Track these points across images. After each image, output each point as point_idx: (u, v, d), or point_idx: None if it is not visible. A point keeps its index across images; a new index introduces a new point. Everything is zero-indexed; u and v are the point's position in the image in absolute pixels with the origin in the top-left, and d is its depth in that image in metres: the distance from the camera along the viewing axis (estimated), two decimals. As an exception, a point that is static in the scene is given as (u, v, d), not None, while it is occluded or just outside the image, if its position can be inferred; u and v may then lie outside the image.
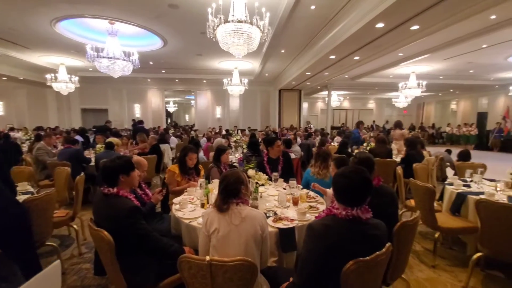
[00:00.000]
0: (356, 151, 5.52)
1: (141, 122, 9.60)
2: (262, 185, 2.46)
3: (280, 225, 1.91)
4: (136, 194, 2.29)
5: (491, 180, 3.37)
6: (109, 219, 1.74)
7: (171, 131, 12.31)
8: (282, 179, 3.07)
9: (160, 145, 6.94)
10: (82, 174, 3.31)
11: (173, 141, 8.67)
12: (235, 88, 9.86)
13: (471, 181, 3.36)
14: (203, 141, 7.80)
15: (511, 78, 11.78)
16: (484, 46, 7.61)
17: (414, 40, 6.08)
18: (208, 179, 3.04)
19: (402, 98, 12.81)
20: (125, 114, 15.04)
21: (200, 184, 2.52)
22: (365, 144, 6.40)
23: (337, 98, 17.97)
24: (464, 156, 4.53)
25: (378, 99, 21.63)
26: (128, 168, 1.97)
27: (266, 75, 12.51)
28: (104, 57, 6.11)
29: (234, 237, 1.49)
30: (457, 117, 17.94)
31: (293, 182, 2.62)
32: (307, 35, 7.04)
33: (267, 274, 1.64)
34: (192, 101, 19.47)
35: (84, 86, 12.17)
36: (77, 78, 9.43)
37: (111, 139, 5.34)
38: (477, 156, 5.21)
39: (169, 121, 22.72)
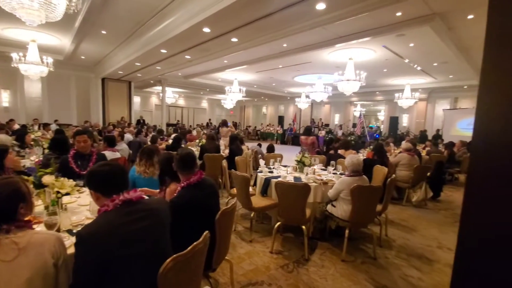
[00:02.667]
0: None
1: None
2: (68, 194, 1.91)
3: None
4: None
5: (285, 166, 4.50)
6: None
7: None
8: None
9: None
10: None
11: None
12: (33, 68, 7.27)
13: (273, 167, 4.33)
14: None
15: (297, 92, 16.54)
16: (280, 66, 10.17)
17: (235, 51, 7.09)
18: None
19: (229, 101, 14.63)
20: None
21: None
22: (197, 141, 6.72)
23: (172, 95, 17.80)
24: (270, 149, 5.83)
25: (210, 100, 23.61)
26: None
27: (83, 57, 10.22)
28: None
29: (5, 280, 1.02)
30: (267, 118, 23.00)
31: (113, 185, 2.23)
32: (135, 21, 6.39)
33: None
34: None
35: None
36: None
37: None
38: (278, 149, 6.85)
39: None
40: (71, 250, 1.40)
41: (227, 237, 2.10)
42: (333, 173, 3.93)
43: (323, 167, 4.52)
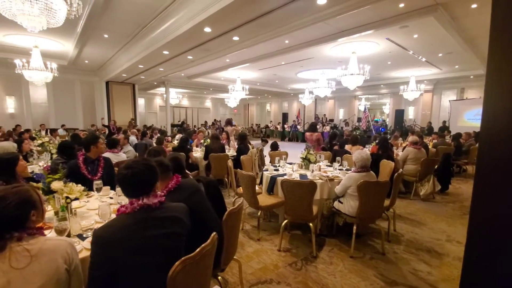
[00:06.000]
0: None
1: None
2: (77, 199, 1.94)
3: (102, 244, 1.57)
4: None
5: (290, 164, 4.49)
6: None
7: None
8: (108, 187, 2.60)
9: None
10: None
11: None
12: (37, 74, 7.36)
13: (279, 166, 4.33)
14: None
15: (300, 88, 16.42)
16: (283, 63, 10.11)
17: (236, 49, 7.07)
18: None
19: (232, 99, 14.63)
20: None
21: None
22: (202, 141, 6.74)
23: (176, 96, 17.87)
24: (274, 147, 5.81)
25: (214, 99, 23.63)
26: None
27: (87, 61, 10.33)
28: None
29: (18, 287, 1.03)
30: (271, 116, 22.93)
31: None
32: (136, 23, 6.42)
33: None
34: (-44, 88, 12.72)
35: None
36: None
37: None
38: (283, 146, 6.83)
39: None
40: (82, 255, 1.43)
41: (235, 237, 2.11)
42: (339, 169, 3.90)
43: (329, 164, 4.50)
